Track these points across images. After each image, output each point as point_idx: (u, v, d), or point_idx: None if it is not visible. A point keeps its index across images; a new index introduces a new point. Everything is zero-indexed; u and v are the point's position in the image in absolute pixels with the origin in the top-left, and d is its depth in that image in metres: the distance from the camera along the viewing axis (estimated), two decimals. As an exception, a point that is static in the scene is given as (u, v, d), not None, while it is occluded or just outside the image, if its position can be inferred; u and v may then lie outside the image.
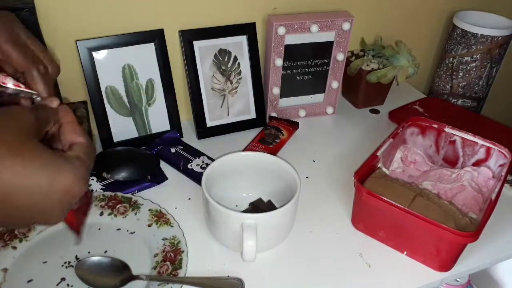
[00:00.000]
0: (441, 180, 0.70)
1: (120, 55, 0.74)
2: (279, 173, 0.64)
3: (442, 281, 0.59)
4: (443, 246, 0.56)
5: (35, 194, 0.31)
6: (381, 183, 0.64)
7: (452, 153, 0.73)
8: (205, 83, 0.80)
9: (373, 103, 0.96)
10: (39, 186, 0.30)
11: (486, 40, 0.90)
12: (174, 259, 0.56)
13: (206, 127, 0.82)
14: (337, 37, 0.84)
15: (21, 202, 0.30)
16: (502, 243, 0.64)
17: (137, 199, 0.65)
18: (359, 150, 0.80)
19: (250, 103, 0.85)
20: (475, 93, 0.99)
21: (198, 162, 0.74)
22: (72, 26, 0.71)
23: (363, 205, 0.62)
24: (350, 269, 0.58)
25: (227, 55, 0.81)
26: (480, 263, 0.61)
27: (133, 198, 0.65)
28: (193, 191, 0.69)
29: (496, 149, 0.68)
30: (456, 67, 0.96)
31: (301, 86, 0.89)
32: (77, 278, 0.53)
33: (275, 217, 0.56)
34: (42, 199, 0.31)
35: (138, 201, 0.65)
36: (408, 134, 0.75)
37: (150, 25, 0.75)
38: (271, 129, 0.83)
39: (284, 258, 0.60)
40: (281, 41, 0.81)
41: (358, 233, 0.64)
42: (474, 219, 0.61)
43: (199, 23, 0.78)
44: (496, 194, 0.60)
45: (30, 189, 0.30)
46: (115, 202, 0.64)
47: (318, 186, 0.72)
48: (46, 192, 0.31)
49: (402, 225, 0.58)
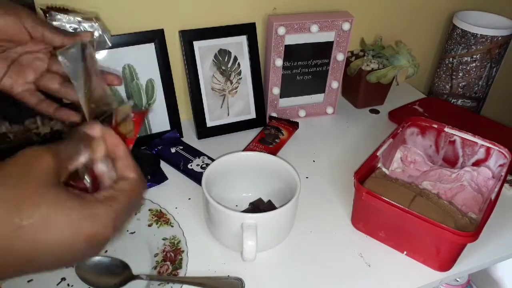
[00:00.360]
0: (441, 180, 0.70)
1: (120, 55, 0.74)
2: (279, 173, 0.64)
3: (442, 281, 0.59)
4: (442, 246, 0.56)
5: (60, 248, 0.28)
6: (381, 183, 0.64)
7: (452, 153, 0.73)
8: (205, 83, 0.80)
9: (373, 103, 0.96)
10: (62, 239, 0.28)
11: (486, 40, 0.90)
12: (174, 259, 0.56)
13: (206, 127, 0.82)
14: (337, 37, 0.84)
15: (47, 258, 0.28)
16: (502, 243, 0.64)
17: (137, 199, 0.65)
18: (359, 150, 0.80)
19: (250, 103, 0.85)
20: (475, 93, 0.99)
21: (198, 162, 0.74)
22: (72, 26, 0.71)
23: (363, 205, 0.62)
24: (350, 269, 0.59)
25: (227, 55, 0.81)
26: (479, 263, 0.61)
27: (133, 198, 0.65)
28: (193, 191, 0.70)
29: (496, 149, 0.68)
30: (456, 67, 0.96)
31: (301, 86, 0.89)
32: (78, 277, 0.53)
33: (275, 217, 0.57)
34: (69, 251, 0.29)
35: (138, 201, 0.65)
36: (408, 134, 0.75)
37: (150, 25, 0.75)
38: (271, 129, 0.83)
39: (284, 258, 0.60)
40: (281, 41, 0.81)
41: (358, 233, 0.64)
42: (474, 219, 0.61)
43: (199, 23, 0.78)
44: (496, 194, 0.60)
45: (53, 244, 0.28)
46: (115, 202, 0.64)
47: (318, 186, 0.72)
48: (71, 245, 0.28)
49: (402, 225, 0.58)
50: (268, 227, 0.56)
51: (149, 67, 0.76)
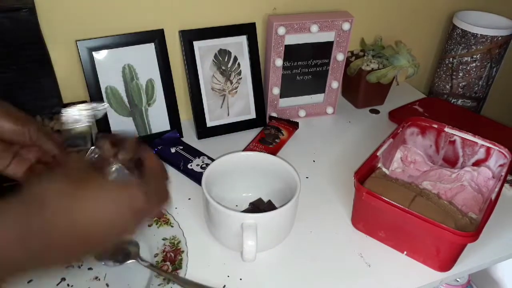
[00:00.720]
0: (441, 180, 0.70)
1: (120, 55, 0.74)
2: (279, 173, 0.64)
3: (442, 281, 0.59)
4: (443, 246, 0.56)
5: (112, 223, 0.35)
6: (381, 183, 0.64)
7: (452, 153, 0.73)
8: (205, 83, 0.80)
9: (373, 103, 0.96)
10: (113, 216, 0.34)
11: (486, 40, 0.90)
12: (174, 259, 0.56)
13: (206, 127, 0.82)
14: (337, 37, 0.84)
15: (101, 231, 0.34)
16: (502, 243, 0.64)
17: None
18: (359, 150, 0.80)
19: (250, 103, 0.85)
20: (475, 93, 0.99)
21: (198, 162, 0.74)
22: (72, 26, 0.71)
23: (363, 205, 0.62)
24: (350, 269, 0.59)
25: (227, 55, 0.81)
26: (480, 263, 0.61)
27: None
28: (193, 191, 0.69)
29: (496, 149, 0.68)
30: (456, 67, 0.96)
31: (301, 86, 0.89)
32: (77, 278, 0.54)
33: (275, 217, 0.56)
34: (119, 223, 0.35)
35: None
36: (408, 134, 0.75)
37: (150, 25, 0.75)
38: (271, 129, 0.83)
39: (284, 258, 0.60)
40: (281, 41, 0.81)
41: (358, 233, 0.64)
42: (474, 219, 0.61)
43: (199, 23, 0.78)
44: (496, 194, 0.60)
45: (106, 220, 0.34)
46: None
47: (318, 186, 0.72)
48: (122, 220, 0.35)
49: (402, 225, 0.58)
50: (268, 227, 0.56)
51: (149, 67, 0.76)
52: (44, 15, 0.67)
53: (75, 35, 0.71)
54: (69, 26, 0.71)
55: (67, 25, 0.71)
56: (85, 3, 0.70)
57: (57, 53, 0.71)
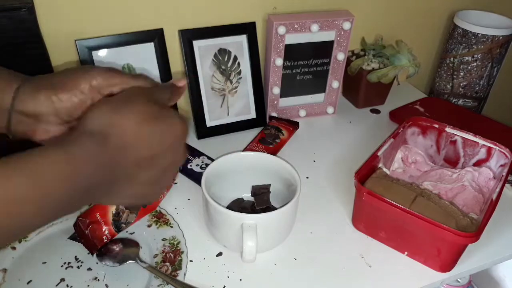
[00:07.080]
0: (441, 180, 0.70)
1: (119, 55, 0.73)
2: (279, 173, 0.64)
3: (443, 281, 0.59)
4: (444, 247, 0.56)
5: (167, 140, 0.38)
6: (381, 183, 0.64)
7: (453, 153, 0.73)
8: (205, 83, 0.80)
9: (373, 103, 0.95)
10: (166, 133, 0.38)
11: (487, 40, 0.90)
12: (174, 260, 0.56)
13: (206, 127, 0.82)
14: (338, 37, 0.84)
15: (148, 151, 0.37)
16: (503, 244, 0.63)
17: (136, 199, 0.65)
18: (359, 150, 0.79)
19: (250, 103, 0.85)
20: (476, 93, 0.98)
21: (198, 162, 0.73)
22: (72, 25, 0.71)
23: (363, 205, 0.62)
24: (351, 269, 0.58)
25: (227, 55, 0.81)
26: (481, 264, 0.61)
27: (133, 198, 0.65)
28: (192, 191, 0.69)
29: (497, 149, 0.68)
30: (457, 66, 0.96)
31: (301, 86, 0.89)
32: (77, 278, 0.53)
33: (275, 217, 0.56)
34: (172, 141, 0.38)
35: (138, 201, 0.64)
36: (409, 134, 0.75)
37: (150, 25, 0.75)
38: (271, 129, 0.83)
39: (284, 259, 0.59)
40: (281, 41, 0.81)
41: (359, 234, 0.64)
42: (475, 220, 0.61)
43: (199, 22, 0.78)
44: (497, 194, 0.59)
45: (161, 140, 0.37)
46: (115, 202, 0.64)
47: (318, 186, 0.72)
48: (174, 135, 0.38)
49: (403, 225, 0.58)
50: (268, 228, 0.56)
51: (149, 67, 0.76)
52: (44, 14, 0.67)
53: (74, 34, 0.71)
54: (68, 25, 0.71)
55: (66, 25, 0.70)
56: (85, 3, 0.70)
57: (56, 53, 0.71)
